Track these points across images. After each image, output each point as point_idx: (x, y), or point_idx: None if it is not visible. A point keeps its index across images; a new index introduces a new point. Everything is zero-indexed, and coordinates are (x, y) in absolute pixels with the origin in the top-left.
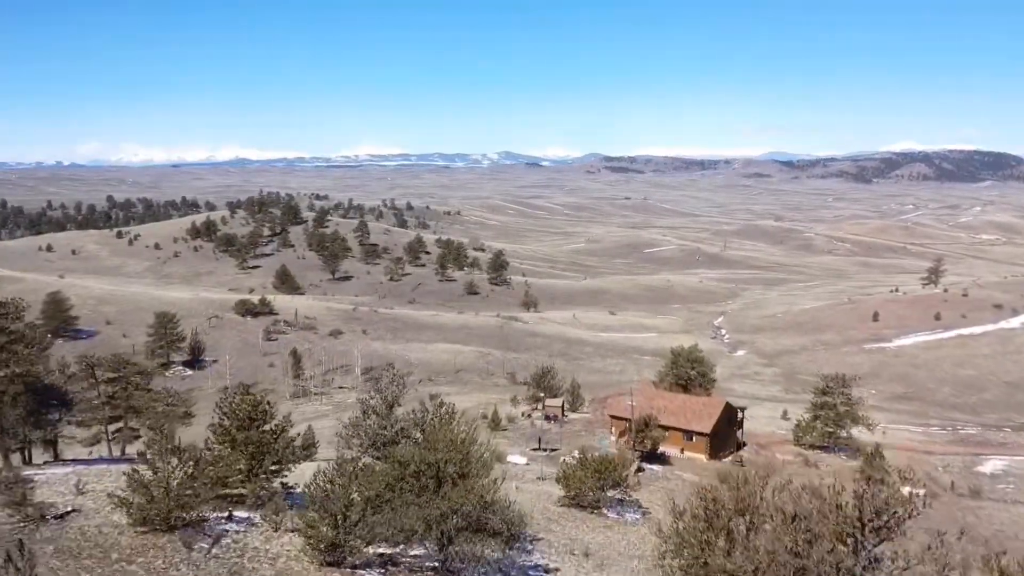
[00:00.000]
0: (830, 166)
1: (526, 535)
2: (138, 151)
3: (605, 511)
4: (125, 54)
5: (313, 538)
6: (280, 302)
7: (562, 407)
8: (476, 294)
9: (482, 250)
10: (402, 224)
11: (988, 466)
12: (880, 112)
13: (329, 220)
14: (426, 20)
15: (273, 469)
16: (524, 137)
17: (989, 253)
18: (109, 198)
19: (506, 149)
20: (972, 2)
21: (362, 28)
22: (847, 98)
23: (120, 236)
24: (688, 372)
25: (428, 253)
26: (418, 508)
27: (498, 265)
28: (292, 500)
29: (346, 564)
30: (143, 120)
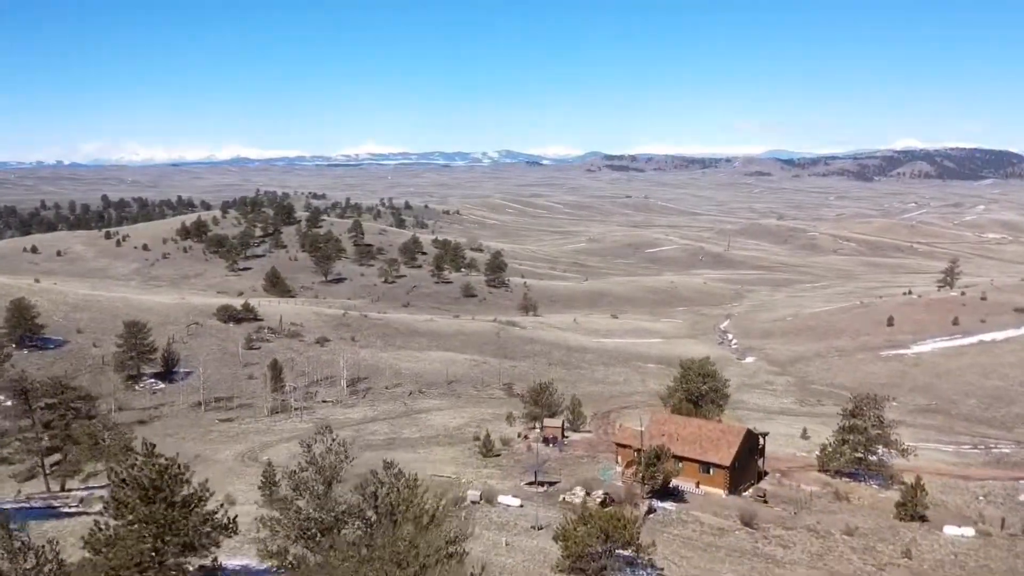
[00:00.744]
0: (831, 164)
1: None
2: (139, 150)
3: None
4: (126, 53)
5: None
6: (265, 308)
7: (562, 427)
8: (473, 296)
9: (480, 250)
10: (400, 224)
11: None
12: (881, 110)
13: (323, 220)
14: (427, 19)
15: (178, 560)
16: (524, 136)
17: (997, 252)
18: (103, 197)
19: (506, 148)
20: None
21: (363, 28)
22: (848, 96)
23: (108, 237)
24: (699, 387)
25: (424, 254)
26: None
27: (496, 266)
28: None
29: None
30: (145, 120)
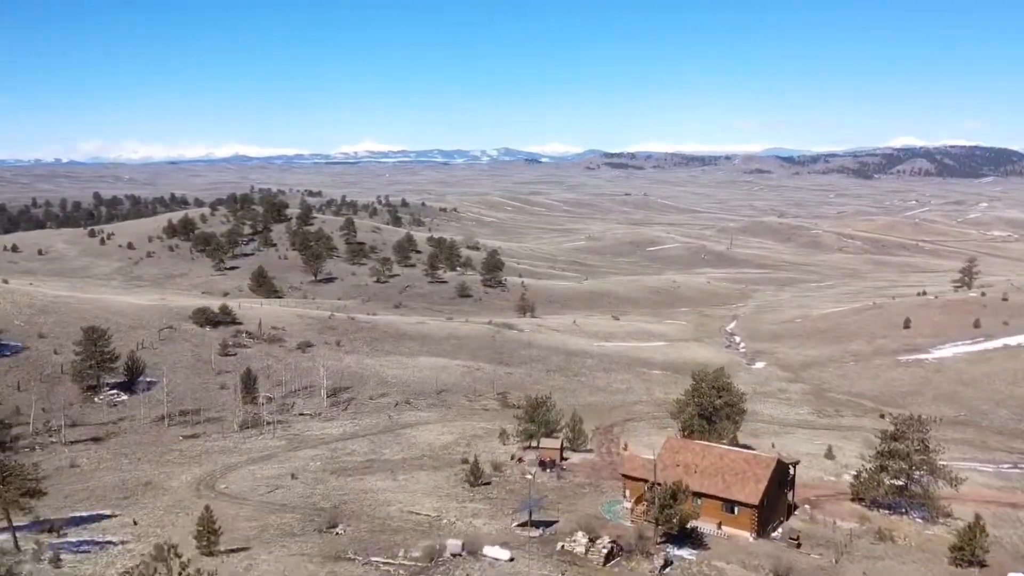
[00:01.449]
0: (831, 162)
1: None
2: (138, 148)
3: None
4: (125, 52)
5: None
6: (246, 310)
7: (560, 448)
8: (468, 297)
9: (477, 249)
10: (396, 221)
11: None
12: (880, 108)
13: (315, 218)
14: (426, 18)
15: None
16: (523, 134)
17: (1004, 250)
18: (95, 195)
19: (505, 146)
20: None
21: (362, 26)
22: (846, 94)
23: (92, 235)
24: (713, 401)
25: (419, 252)
26: None
27: (493, 265)
28: None
29: None
30: (144, 118)
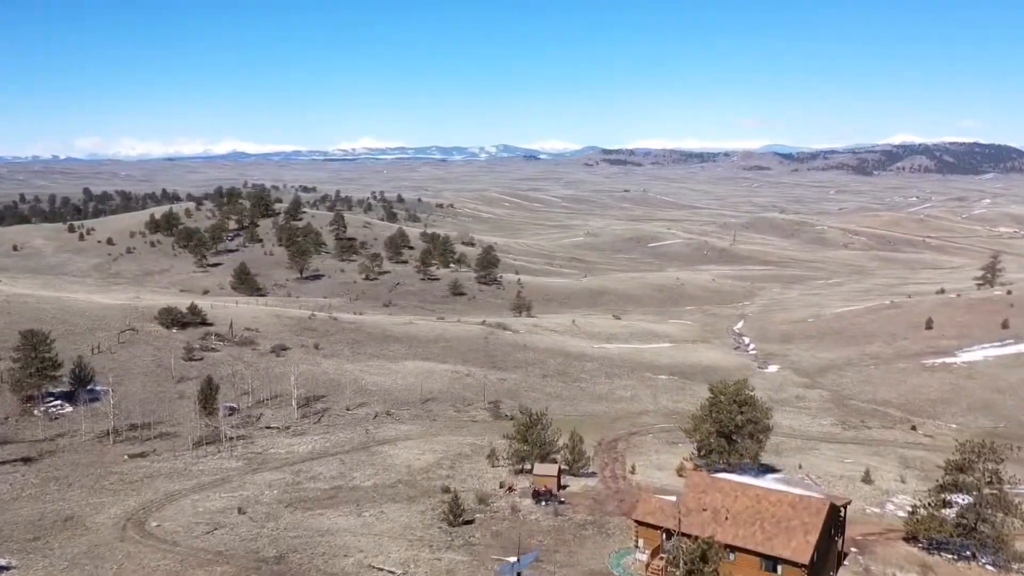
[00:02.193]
0: (830, 159)
1: None
2: (135, 145)
3: None
4: (124, 49)
5: None
6: (219, 310)
7: (557, 476)
8: (462, 295)
9: (471, 244)
10: (391, 217)
11: None
12: (879, 105)
13: (304, 212)
14: (425, 15)
15: None
16: (522, 130)
17: (1012, 247)
18: (85, 191)
19: (504, 142)
20: None
21: (360, 22)
22: (845, 91)
23: (72, 230)
24: (733, 418)
25: (411, 248)
26: None
27: (488, 262)
28: None
29: None
30: (142, 115)
